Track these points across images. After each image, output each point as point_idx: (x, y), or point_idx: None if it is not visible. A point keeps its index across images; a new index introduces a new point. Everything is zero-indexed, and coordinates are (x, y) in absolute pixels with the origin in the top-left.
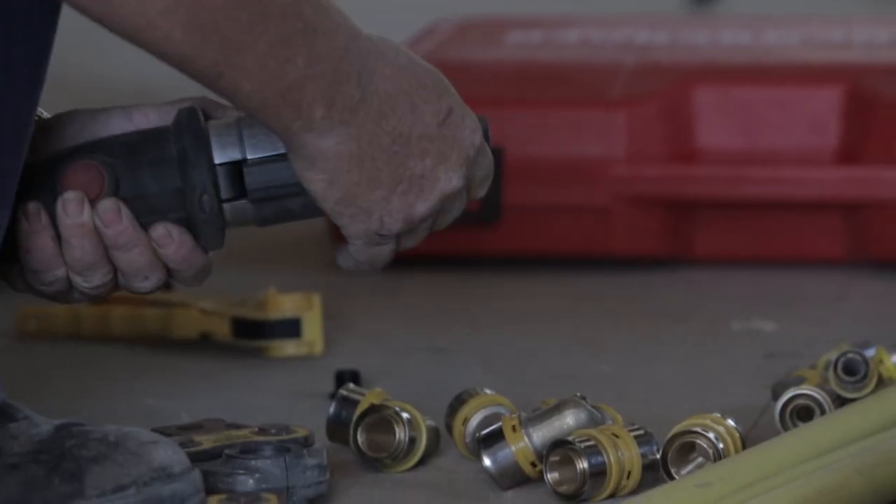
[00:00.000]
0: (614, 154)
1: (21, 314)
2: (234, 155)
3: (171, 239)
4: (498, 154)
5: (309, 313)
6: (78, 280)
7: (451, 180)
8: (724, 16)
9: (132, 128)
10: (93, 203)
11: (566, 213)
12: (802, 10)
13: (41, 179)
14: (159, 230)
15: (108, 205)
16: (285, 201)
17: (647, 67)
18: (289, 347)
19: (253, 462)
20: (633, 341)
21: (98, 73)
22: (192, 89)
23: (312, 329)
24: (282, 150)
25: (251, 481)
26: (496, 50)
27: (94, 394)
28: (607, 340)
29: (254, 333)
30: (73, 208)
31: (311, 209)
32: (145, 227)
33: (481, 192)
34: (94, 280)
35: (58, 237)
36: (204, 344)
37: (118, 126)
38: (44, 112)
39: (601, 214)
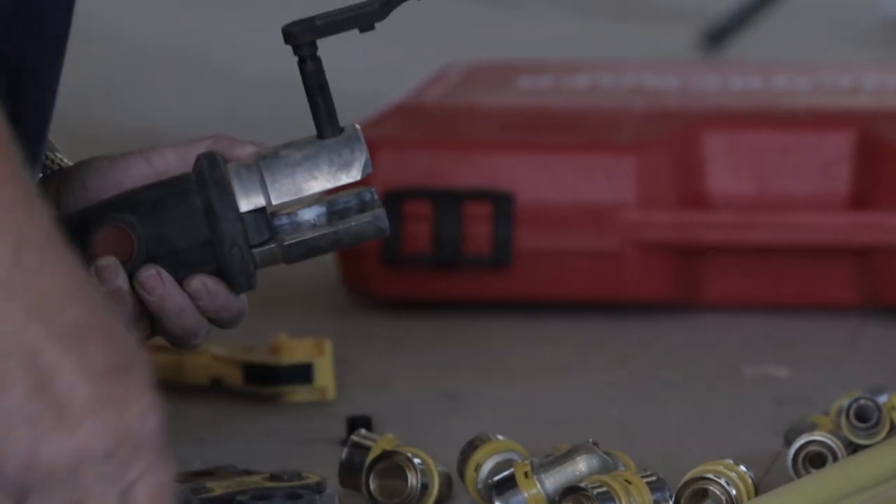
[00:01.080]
0: (624, 199)
1: None
2: (259, 201)
3: (206, 291)
4: (508, 199)
5: (320, 359)
6: None
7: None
8: (733, 61)
9: (152, 172)
10: (125, 265)
11: (576, 257)
12: (812, 56)
13: (69, 245)
14: (194, 284)
15: (147, 271)
16: (315, 240)
17: (656, 112)
18: (300, 393)
19: None
20: (644, 386)
21: (110, 120)
22: (203, 133)
23: (324, 375)
24: (306, 192)
25: None
26: (506, 95)
27: None
28: (618, 385)
29: (265, 379)
30: (107, 275)
31: (339, 243)
32: (180, 282)
33: None
34: None
35: None
36: (215, 390)
37: (138, 171)
38: (64, 159)
39: (611, 259)
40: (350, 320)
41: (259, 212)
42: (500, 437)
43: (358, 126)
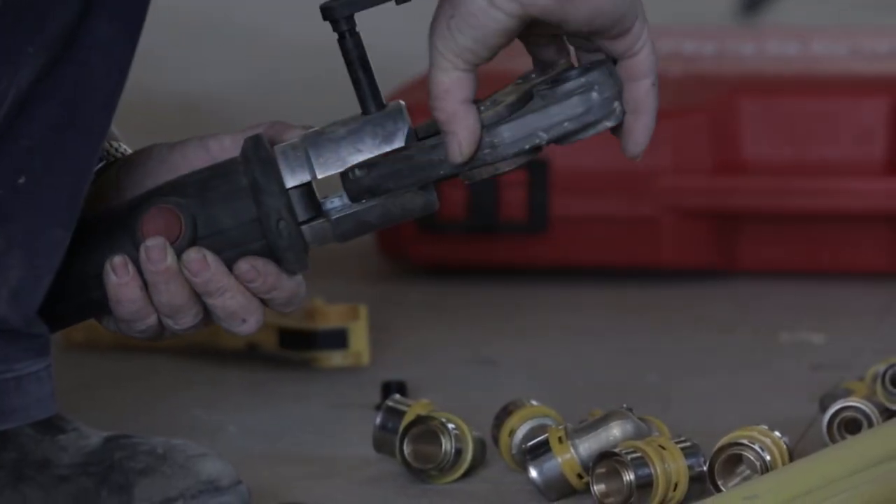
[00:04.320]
0: (661, 165)
1: None
2: (304, 177)
3: (256, 272)
4: (544, 165)
5: (355, 324)
6: (169, 322)
7: None
8: (771, 26)
9: (209, 157)
10: (174, 245)
11: (613, 223)
12: (850, 21)
13: (121, 229)
14: (243, 266)
15: (192, 254)
16: (363, 214)
17: (693, 78)
18: (335, 358)
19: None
20: (679, 352)
21: (149, 86)
22: (242, 98)
23: (359, 340)
24: (349, 164)
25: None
26: None
27: (142, 405)
28: (654, 352)
29: (301, 344)
30: (155, 255)
31: (388, 216)
32: (229, 264)
33: None
34: (185, 321)
35: (145, 285)
36: (251, 355)
37: (195, 156)
38: (123, 146)
39: (648, 225)
40: (385, 286)
41: (306, 189)
42: (534, 403)
43: (402, 102)
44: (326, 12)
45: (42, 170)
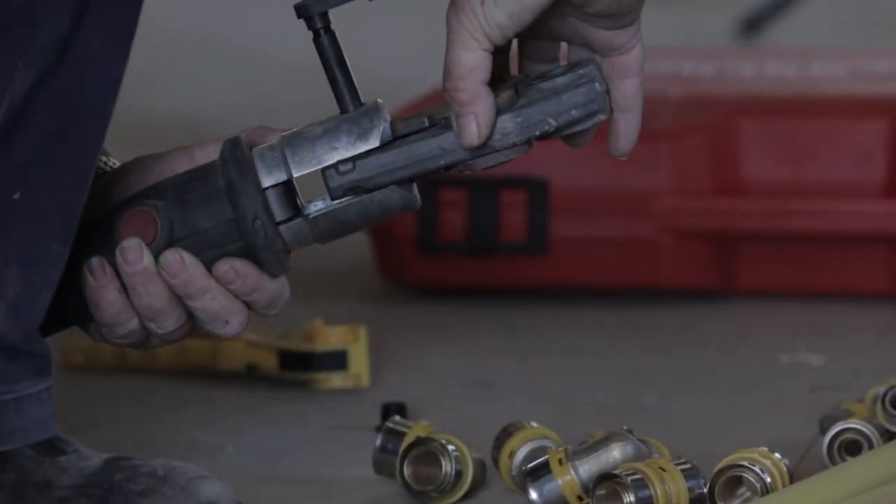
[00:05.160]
0: (660, 186)
1: (67, 347)
2: (281, 176)
3: (235, 273)
4: (543, 186)
5: (355, 345)
6: (152, 327)
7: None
8: (770, 47)
9: (193, 166)
10: (151, 247)
11: (612, 245)
12: (848, 43)
13: (99, 233)
14: (222, 267)
15: (170, 255)
16: (341, 213)
17: (692, 99)
18: (335, 380)
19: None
20: (679, 374)
21: (149, 107)
22: (241, 118)
23: (359, 361)
24: (327, 163)
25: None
26: None
27: (141, 426)
28: (653, 373)
29: (300, 366)
30: (131, 256)
31: (366, 214)
32: (208, 266)
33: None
34: (168, 325)
35: (125, 288)
36: (250, 376)
37: (181, 166)
38: (112, 160)
39: (647, 247)
40: (385, 307)
41: (284, 189)
42: (534, 424)
43: (380, 100)
44: (300, 10)
45: (37, 184)
